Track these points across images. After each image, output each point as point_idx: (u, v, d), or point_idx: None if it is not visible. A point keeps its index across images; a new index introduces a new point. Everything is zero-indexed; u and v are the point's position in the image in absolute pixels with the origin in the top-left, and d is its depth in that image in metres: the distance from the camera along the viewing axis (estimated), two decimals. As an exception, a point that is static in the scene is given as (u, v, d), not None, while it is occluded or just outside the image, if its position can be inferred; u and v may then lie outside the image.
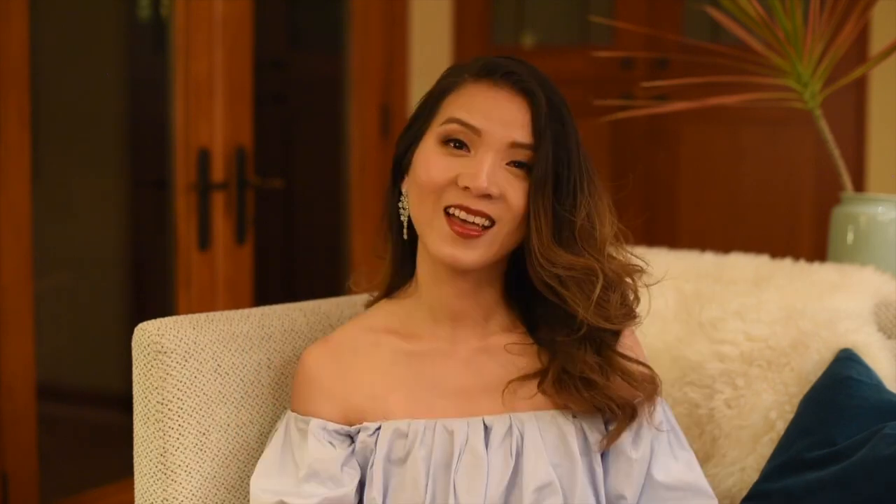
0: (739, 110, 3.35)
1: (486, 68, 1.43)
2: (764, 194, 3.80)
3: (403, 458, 1.41)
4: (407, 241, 1.48)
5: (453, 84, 1.44)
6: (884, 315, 1.80)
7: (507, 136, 1.39)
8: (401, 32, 3.91)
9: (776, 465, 1.57)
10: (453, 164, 1.39)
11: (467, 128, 1.39)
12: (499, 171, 1.38)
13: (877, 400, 1.58)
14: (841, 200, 2.12)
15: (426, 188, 1.39)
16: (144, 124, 3.55)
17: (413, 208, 1.43)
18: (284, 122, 4.22)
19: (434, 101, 1.45)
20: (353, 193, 3.80)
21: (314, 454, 1.41)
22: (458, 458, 1.40)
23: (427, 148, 1.42)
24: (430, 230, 1.40)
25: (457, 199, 1.38)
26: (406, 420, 1.42)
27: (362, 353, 1.47)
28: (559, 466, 1.42)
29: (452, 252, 1.38)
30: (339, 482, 1.41)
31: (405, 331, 1.48)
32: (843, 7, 2.16)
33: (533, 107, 1.40)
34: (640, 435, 1.44)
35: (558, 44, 4.23)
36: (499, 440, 1.42)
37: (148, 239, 3.58)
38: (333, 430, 1.43)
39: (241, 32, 3.16)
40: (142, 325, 1.49)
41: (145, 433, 1.48)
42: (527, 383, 1.44)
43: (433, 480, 1.40)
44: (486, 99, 1.40)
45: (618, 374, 1.42)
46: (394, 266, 1.52)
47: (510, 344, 1.47)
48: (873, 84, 3.58)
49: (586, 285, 1.39)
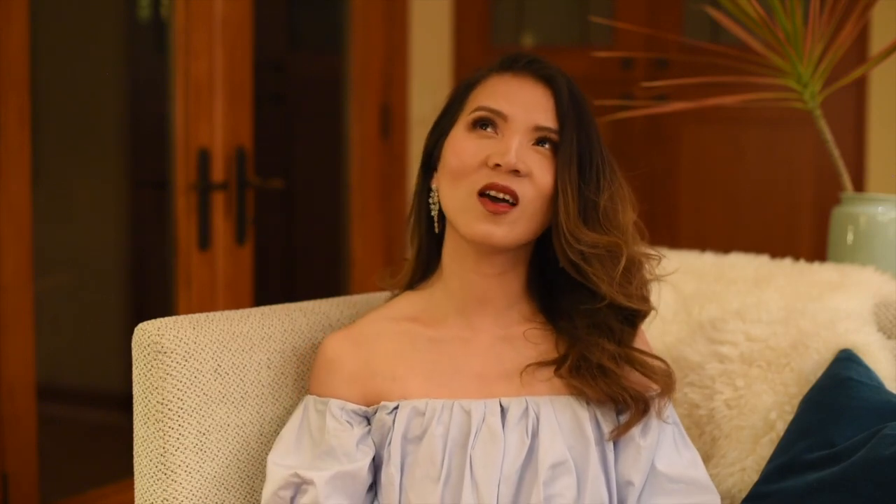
0: (739, 110, 3.36)
1: (507, 60, 1.50)
2: (764, 194, 3.80)
3: (420, 435, 1.44)
4: (436, 235, 1.52)
5: (478, 79, 1.51)
6: (884, 315, 1.80)
7: (532, 120, 1.45)
8: (401, 32, 3.91)
9: (776, 466, 1.57)
10: (483, 146, 1.44)
11: (493, 113, 1.45)
12: (526, 150, 1.44)
13: (877, 400, 1.58)
14: (841, 200, 2.12)
15: (458, 171, 1.44)
16: (144, 124, 3.55)
17: (445, 198, 1.47)
18: (284, 123, 4.22)
19: (460, 96, 1.51)
20: (353, 193, 3.80)
21: (331, 432, 1.44)
22: (475, 435, 1.43)
23: (456, 136, 1.47)
24: (463, 213, 1.44)
25: (488, 178, 1.42)
26: (424, 399, 1.45)
27: (383, 339, 1.50)
28: (573, 448, 1.44)
29: (485, 228, 1.42)
30: (352, 458, 1.44)
31: (427, 317, 1.51)
32: (843, 7, 2.16)
33: (555, 92, 1.46)
34: (650, 424, 1.47)
35: (558, 44, 4.23)
36: (515, 420, 1.44)
37: (148, 239, 3.58)
38: (352, 411, 1.46)
39: (241, 33, 3.16)
40: (142, 325, 1.49)
41: (145, 433, 1.48)
42: (544, 368, 1.48)
43: (449, 456, 1.43)
44: (509, 87, 1.47)
45: (637, 367, 1.46)
46: (419, 261, 1.56)
47: (529, 330, 1.50)
48: (873, 84, 3.58)
49: (609, 262, 1.44)
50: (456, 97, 1.52)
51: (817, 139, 2.49)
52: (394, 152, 3.90)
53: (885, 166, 3.57)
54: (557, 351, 1.48)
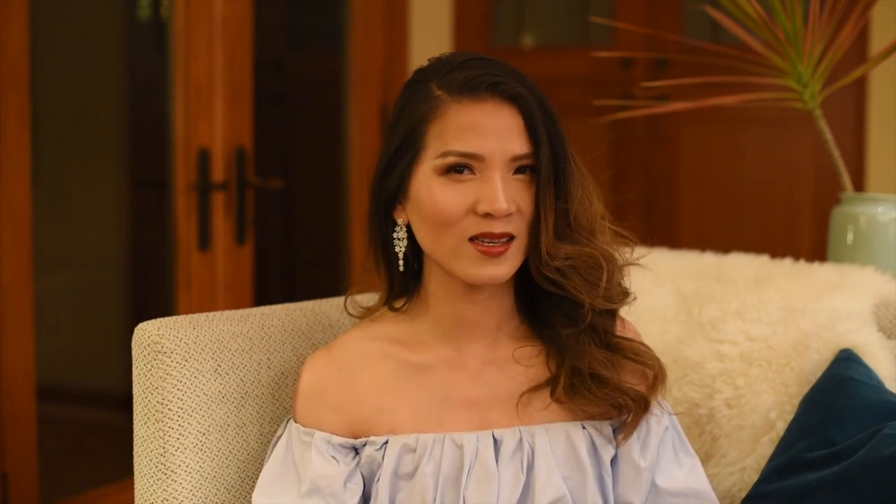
0: (739, 110, 3.36)
1: (466, 86, 1.37)
2: (764, 194, 3.80)
3: (411, 472, 1.40)
4: (410, 264, 1.45)
5: (431, 109, 1.38)
6: (884, 315, 1.80)
7: (508, 151, 1.36)
8: (401, 32, 3.91)
9: (776, 466, 1.57)
10: (463, 192, 1.36)
11: (468, 157, 1.35)
12: (508, 184, 1.36)
13: (877, 400, 1.58)
14: (841, 200, 2.12)
15: (442, 223, 1.36)
16: (144, 124, 3.55)
17: (427, 243, 1.40)
18: (284, 123, 4.22)
19: (415, 132, 1.38)
20: (353, 193, 3.80)
21: (317, 469, 1.40)
22: (468, 472, 1.39)
23: (428, 180, 1.37)
24: (455, 259, 1.37)
25: (479, 227, 1.35)
26: (414, 434, 1.41)
27: (367, 364, 1.44)
28: (570, 479, 1.41)
29: (485, 272, 1.36)
30: (340, 499, 1.40)
31: (412, 342, 1.45)
32: (843, 7, 2.16)
33: (524, 111, 1.37)
34: (648, 444, 1.44)
35: (558, 44, 4.23)
36: (509, 454, 1.41)
37: (148, 239, 3.58)
38: (338, 444, 1.41)
39: (241, 33, 3.16)
40: (142, 325, 1.49)
41: (145, 433, 1.48)
42: (539, 394, 1.43)
43: (442, 494, 1.39)
44: (475, 119, 1.36)
45: (630, 356, 1.42)
46: (393, 289, 1.48)
47: (518, 350, 1.45)
48: (873, 84, 3.58)
49: (586, 271, 1.39)
50: (408, 131, 1.38)
51: (817, 139, 2.49)
52: (394, 152, 3.89)
53: (885, 166, 3.57)
54: (548, 368, 1.44)
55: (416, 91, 1.41)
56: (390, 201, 1.43)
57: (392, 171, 1.40)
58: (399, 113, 1.41)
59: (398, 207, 1.43)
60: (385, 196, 1.42)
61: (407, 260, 1.45)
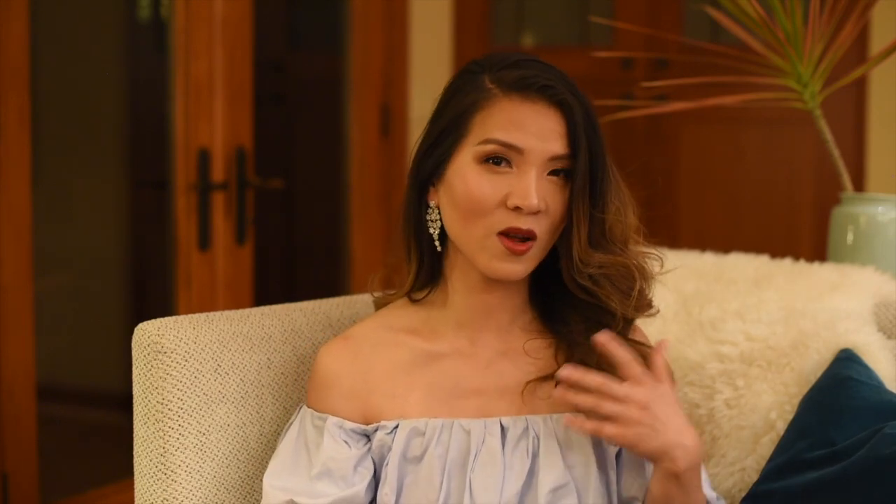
0: (739, 110, 3.35)
1: (518, 83, 1.40)
2: (764, 194, 3.80)
3: (419, 456, 1.42)
4: (437, 251, 1.48)
5: (481, 99, 1.41)
6: (884, 315, 1.80)
7: (547, 151, 1.39)
8: (401, 32, 3.91)
9: (776, 466, 1.57)
10: (498, 183, 1.39)
11: (508, 147, 1.39)
12: (542, 183, 1.39)
13: (877, 400, 1.58)
14: (841, 200, 2.12)
15: (474, 211, 1.39)
16: (144, 124, 3.55)
17: (455, 229, 1.43)
18: (284, 123, 4.22)
19: (462, 118, 1.42)
20: (353, 193, 3.80)
21: (329, 453, 1.42)
22: (475, 456, 1.42)
23: (465, 167, 1.40)
24: (480, 250, 1.40)
25: (508, 221, 1.38)
26: (423, 419, 1.43)
27: (382, 352, 1.47)
28: (574, 468, 1.43)
29: (507, 267, 1.40)
30: (350, 482, 1.42)
31: (427, 331, 1.49)
32: (843, 7, 2.16)
33: (568, 117, 1.40)
34: None
35: (558, 44, 4.23)
36: (515, 441, 1.43)
37: (148, 239, 3.58)
38: (350, 429, 1.44)
39: (241, 33, 3.16)
40: (142, 325, 1.49)
41: (145, 433, 1.48)
42: (546, 384, 1.46)
43: (448, 478, 1.41)
44: (522, 115, 1.39)
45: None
46: (420, 275, 1.51)
47: (528, 342, 1.48)
48: (873, 84, 3.58)
49: (619, 281, 1.42)
50: (455, 118, 1.42)
51: (817, 139, 2.48)
52: (394, 152, 3.90)
53: (885, 166, 3.57)
54: (557, 362, 1.46)
55: (468, 80, 1.44)
56: (425, 183, 1.46)
57: (432, 152, 1.44)
58: (448, 99, 1.45)
59: (431, 190, 1.46)
60: (421, 176, 1.46)
61: (432, 246, 1.48)
